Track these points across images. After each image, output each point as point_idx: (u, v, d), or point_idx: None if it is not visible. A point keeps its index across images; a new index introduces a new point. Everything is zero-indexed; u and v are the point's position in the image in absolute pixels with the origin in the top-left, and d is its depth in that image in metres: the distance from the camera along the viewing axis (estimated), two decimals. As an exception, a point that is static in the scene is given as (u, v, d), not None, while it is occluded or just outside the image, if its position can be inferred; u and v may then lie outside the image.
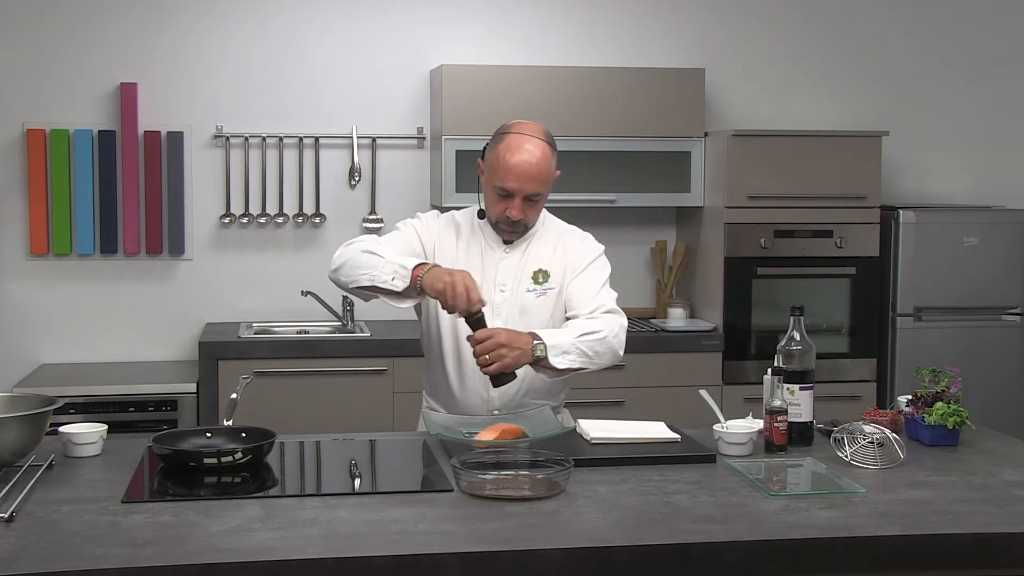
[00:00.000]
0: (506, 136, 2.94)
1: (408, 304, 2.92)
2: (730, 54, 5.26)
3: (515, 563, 2.05)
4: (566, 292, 3.02)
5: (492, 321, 2.90)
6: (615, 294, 3.06)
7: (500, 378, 2.76)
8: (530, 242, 3.05)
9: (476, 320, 2.76)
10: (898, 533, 2.18)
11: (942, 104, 5.45)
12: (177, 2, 4.89)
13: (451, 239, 3.04)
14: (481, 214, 3.04)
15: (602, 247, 3.14)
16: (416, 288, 2.79)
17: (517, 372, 2.80)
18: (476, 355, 2.74)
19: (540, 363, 2.79)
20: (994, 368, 4.95)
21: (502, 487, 2.39)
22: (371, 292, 2.87)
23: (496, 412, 2.96)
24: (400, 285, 2.79)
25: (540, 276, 3.02)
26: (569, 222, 3.25)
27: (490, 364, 2.72)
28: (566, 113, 4.80)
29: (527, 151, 2.91)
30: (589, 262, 3.07)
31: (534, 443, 2.66)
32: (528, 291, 3.00)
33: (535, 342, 2.77)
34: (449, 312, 2.77)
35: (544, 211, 3.10)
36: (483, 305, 2.76)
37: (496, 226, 3.00)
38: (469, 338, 2.77)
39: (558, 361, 2.79)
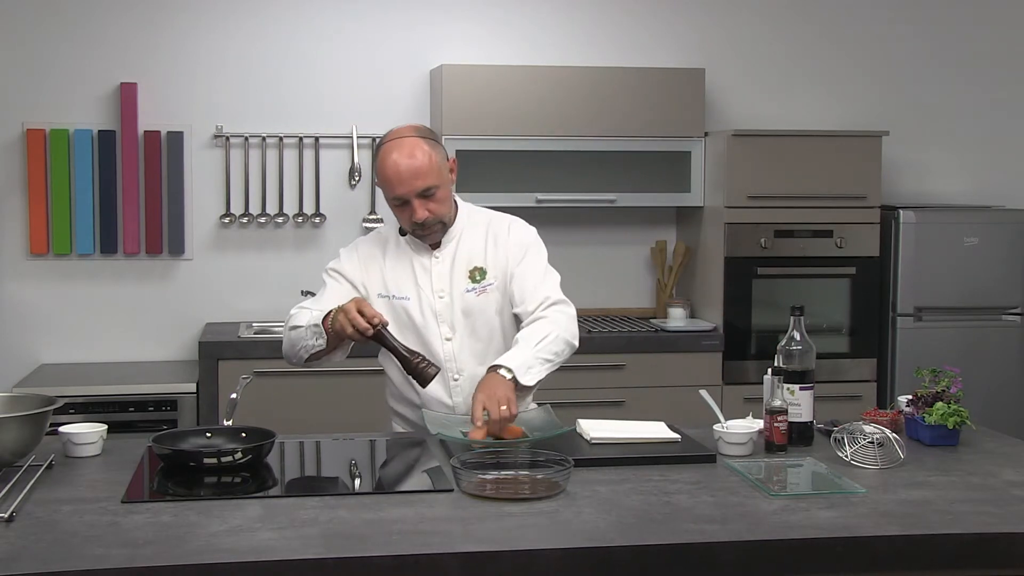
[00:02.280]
0: (381, 147, 2.94)
1: (345, 355, 2.97)
2: (730, 54, 5.26)
3: (515, 563, 2.05)
4: (510, 286, 3.00)
5: (439, 329, 2.95)
6: (557, 276, 3.05)
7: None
8: (459, 241, 3.03)
9: (380, 337, 2.76)
10: (898, 533, 2.18)
11: (942, 104, 5.45)
12: (177, 2, 4.89)
13: (378, 261, 3.03)
14: (402, 231, 3.03)
15: (533, 229, 3.10)
16: (338, 335, 2.81)
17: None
18: (495, 426, 2.69)
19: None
20: (994, 368, 4.95)
21: (502, 487, 2.39)
22: (320, 360, 2.94)
23: (462, 416, 2.95)
24: (321, 342, 2.84)
25: (476, 274, 3.01)
26: (570, 222, 3.25)
27: (509, 414, 2.70)
28: (566, 113, 4.80)
29: (399, 151, 2.88)
30: (524, 250, 3.03)
31: (534, 443, 2.66)
32: (467, 291, 2.99)
33: (501, 371, 2.77)
34: (361, 342, 2.80)
35: (468, 205, 3.10)
36: (379, 323, 2.75)
37: (415, 235, 2.98)
38: (473, 415, 2.71)
39: (527, 379, 2.80)
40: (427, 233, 2.96)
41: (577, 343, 2.98)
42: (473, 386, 2.87)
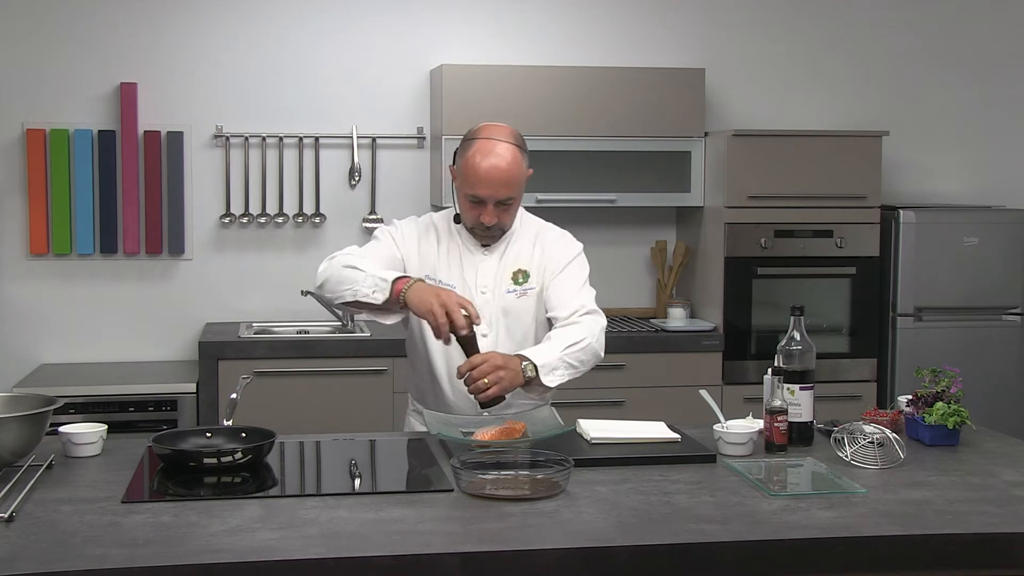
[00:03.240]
0: (475, 142, 2.91)
1: (394, 319, 2.93)
2: (730, 54, 5.26)
3: (515, 563, 2.05)
4: (546, 292, 3.02)
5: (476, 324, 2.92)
6: (594, 291, 3.08)
7: (492, 401, 2.74)
8: (508, 243, 3.04)
9: (467, 341, 2.75)
10: (898, 533, 2.18)
11: (942, 104, 5.45)
12: (177, 2, 4.89)
13: (431, 243, 3.03)
14: (457, 218, 3.03)
15: (580, 245, 3.12)
16: (399, 303, 2.78)
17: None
18: (471, 379, 2.70)
19: (531, 383, 2.79)
20: (994, 368, 4.95)
21: (502, 487, 2.39)
22: (355, 307, 2.88)
23: (487, 413, 2.94)
24: (380, 298, 2.79)
25: (520, 276, 3.02)
26: (570, 222, 3.26)
27: (487, 388, 2.70)
28: (566, 113, 4.80)
29: (496, 156, 2.87)
30: (567, 262, 3.05)
31: (534, 443, 2.66)
32: (508, 292, 3.00)
33: (524, 363, 2.77)
34: (436, 336, 2.76)
35: (521, 210, 3.10)
36: (476, 324, 2.74)
37: (472, 231, 2.99)
38: (461, 366, 2.72)
39: (549, 380, 2.80)
40: (487, 235, 2.98)
41: (603, 355, 3.01)
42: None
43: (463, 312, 2.72)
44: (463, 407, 2.98)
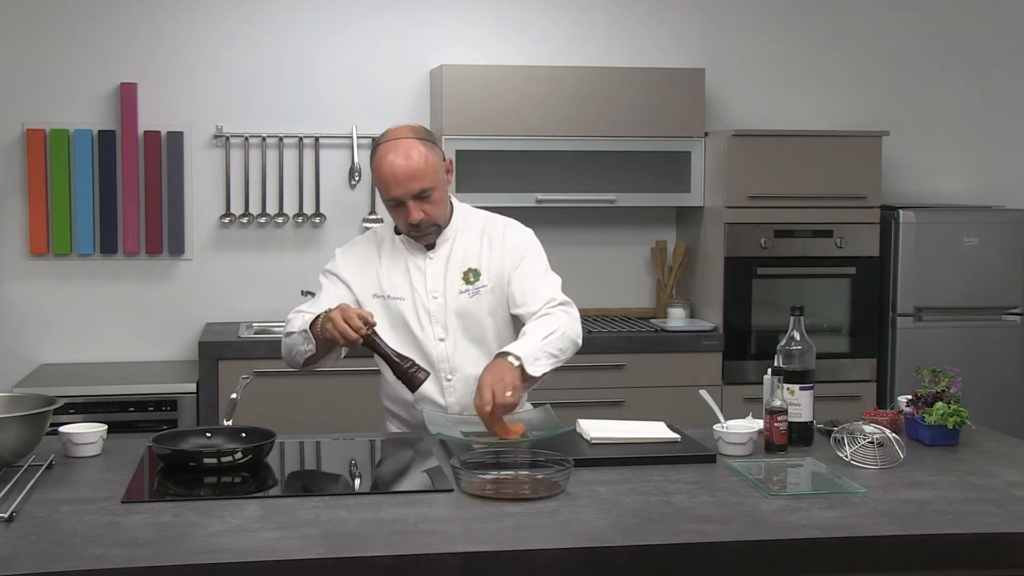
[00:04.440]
0: (378, 147, 2.93)
1: (339, 357, 3.00)
2: (730, 54, 5.26)
3: (515, 563, 2.05)
4: (509, 288, 3.00)
5: (432, 329, 2.96)
6: (558, 279, 3.05)
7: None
8: (453, 242, 3.03)
9: (370, 342, 2.77)
10: (898, 533, 2.18)
11: (942, 104, 5.45)
12: (177, 2, 4.89)
13: (371, 260, 3.04)
14: (397, 230, 3.04)
15: (530, 231, 3.10)
16: (324, 342, 2.83)
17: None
18: (500, 411, 2.69)
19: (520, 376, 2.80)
20: (994, 368, 4.95)
21: (502, 487, 2.39)
22: (317, 364, 2.97)
23: (458, 416, 2.96)
24: (310, 347, 2.87)
25: (471, 276, 3.01)
26: (570, 222, 3.26)
27: (510, 400, 2.71)
28: (566, 113, 4.80)
29: (395, 152, 2.88)
30: (522, 253, 3.03)
31: (534, 443, 2.66)
32: (460, 293, 2.99)
33: (509, 359, 2.77)
34: (350, 347, 2.82)
35: (464, 206, 3.11)
36: (369, 327, 2.75)
37: (410, 235, 2.99)
38: (478, 404, 2.71)
39: (533, 369, 2.80)
40: (422, 234, 2.97)
41: (580, 343, 2.99)
42: (465, 387, 2.93)
43: (355, 318, 2.73)
44: (424, 411, 2.97)
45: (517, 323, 3.02)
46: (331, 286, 3.05)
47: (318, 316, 2.84)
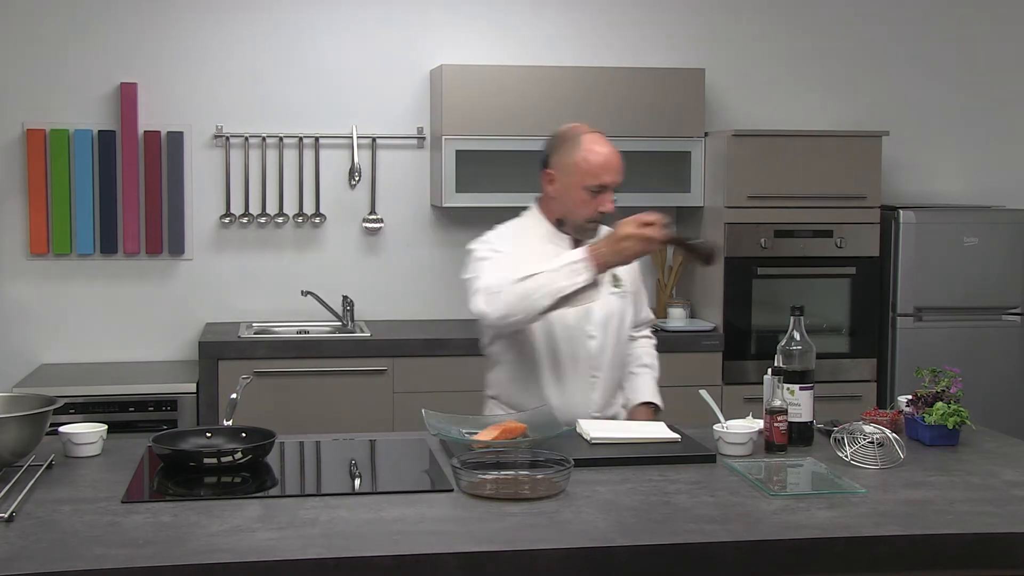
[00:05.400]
0: (581, 138, 3.00)
1: (584, 300, 2.88)
2: (730, 54, 5.26)
3: (515, 563, 2.05)
4: (635, 300, 3.20)
5: (586, 326, 3.03)
6: None
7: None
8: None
9: (676, 240, 2.90)
10: (898, 533, 2.18)
11: (942, 104, 5.45)
12: (177, 2, 4.89)
13: (528, 250, 3.01)
14: (558, 223, 3.05)
15: None
16: (602, 267, 2.79)
17: None
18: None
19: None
20: (994, 368, 4.95)
21: (502, 487, 2.39)
22: (552, 309, 2.84)
23: (596, 414, 3.03)
24: (586, 276, 2.77)
25: (615, 280, 3.08)
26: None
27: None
28: (566, 113, 4.77)
29: (605, 145, 3.01)
30: (637, 271, 3.22)
31: (534, 443, 2.66)
32: (611, 294, 3.07)
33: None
34: (648, 248, 2.80)
35: None
36: (663, 223, 2.78)
37: (582, 227, 3.03)
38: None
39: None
40: (595, 228, 3.04)
41: None
42: (607, 384, 3.08)
43: (651, 219, 2.76)
44: (571, 408, 3.00)
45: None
46: (502, 257, 2.98)
47: (583, 250, 2.80)
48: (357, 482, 2.61)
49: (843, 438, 2.70)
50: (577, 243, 3.01)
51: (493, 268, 2.94)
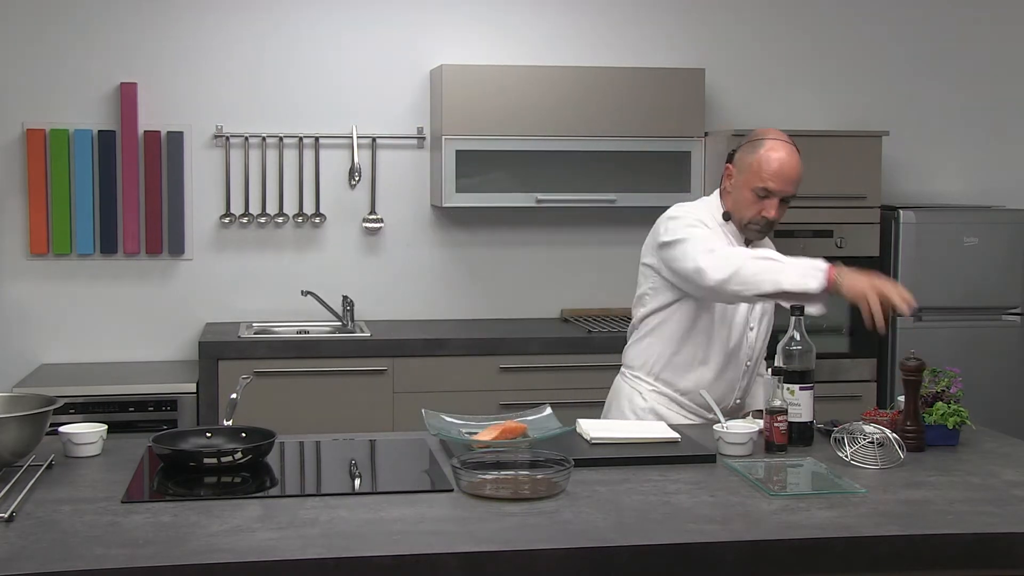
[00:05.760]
0: (765, 141, 3.08)
1: (811, 303, 2.88)
2: (730, 54, 5.26)
3: (515, 563, 2.05)
4: None
5: (748, 318, 3.10)
6: None
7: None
8: (759, 245, 3.13)
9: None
10: (898, 533, 2.18)
11: (942, 104, 5.45)
12: (177, 2, 4.88)
13: (711, 232, 3.10)
14: (726, 215, 3.12)
15: None
16: (831, 290, 2.79)
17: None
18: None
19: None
20: (994, 368, 4.95)
21: (502, 487, 2.39)
22: (767, 299, 2.92)
23: (738, 401, 3.12)
24: (815, 286, 2.79)
25: None
26: (570, 222, 3.28)
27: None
28: (566, 113, 4.80)
29: (787, 153, 3.08)
30: None
31: (534, 443, 2.67)
32: None
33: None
34: (867, 323, 2.75)
35: None
36: (912, 306, 2.76)
37: (746, 227, 3.08)
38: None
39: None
40: (761, 231, 3.08)
41: None
42: (753, 378, 3.17)
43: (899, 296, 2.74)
44: (721, 394, 3.07)
45: None
46: (710, 232, 3.04)
47: (831, 263, 2.81)
48: (357, 482, 2.61)
49: (843, 438, 2.70)
50: (747, 243, 3.10)
51: (709, 236, 3.02)
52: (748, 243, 3.11)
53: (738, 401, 3.16)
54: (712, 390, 3.06)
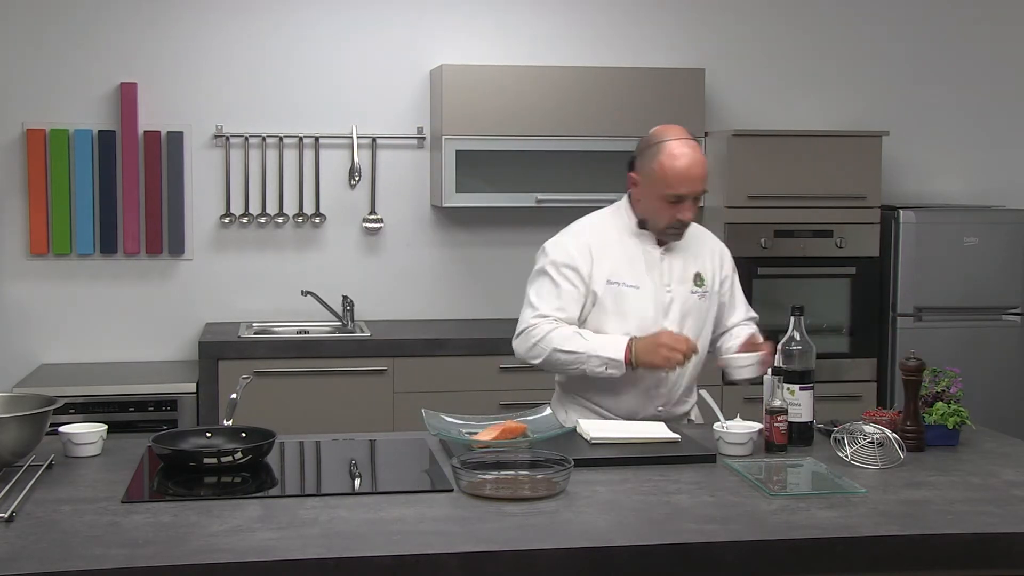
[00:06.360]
0: (662, 145, 3.01)
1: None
2: (730, 54, 5.26)
3: (515, 563, 2.05)
4: (724, 299, 3.18)
5: (663, 323, 3.03)
6: None
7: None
8: (681, 244, 3.11)
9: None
10: (898, 533, 2.18)
11: (942, 104, 5.45)
12: (177, 2, 4.89)
13: (606, 248, 3.07)
14: (642, 224, 3.08)
15: (720, 241, 3.28)
16: (634, 364, 2.91)
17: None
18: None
19: None
20: (994, 368, 4.95)
21: (502, 487, 2.39)
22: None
23: (660, 409, 3.07)
24: (616, 373, 2.93)
25: (698, 279, 3.11)
26: (569, 222, 3.26)
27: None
28: (566, 113, 4.80)
29: (689, 154, 3.00)
30: (732, 268, 3.23)
31: (534, 443, 2.67)
32: (692, 292, 3.09)
33: None
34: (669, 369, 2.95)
35: None
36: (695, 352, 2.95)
37: (666, 232, 3.05)
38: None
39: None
40: (678, 232, 3.05)
41: None
42: (676, 381, 3.06)
43: (684, 345, 2.88)
44: (634, 406, 3.06)
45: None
46: (567, 284, 3.04)
47: (626, 342, 2.92)
48: (357, 482, 2.61)
49: (843, 438, 2.70)
50: (661, 242, 3.07)
51: (548, 300, 3.03)
52: (661, 245, 3.07)
53: (660, 410, 3.08)
54: (624, 401, 3.03)
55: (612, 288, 3.03)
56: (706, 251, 3.17)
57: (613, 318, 3.01)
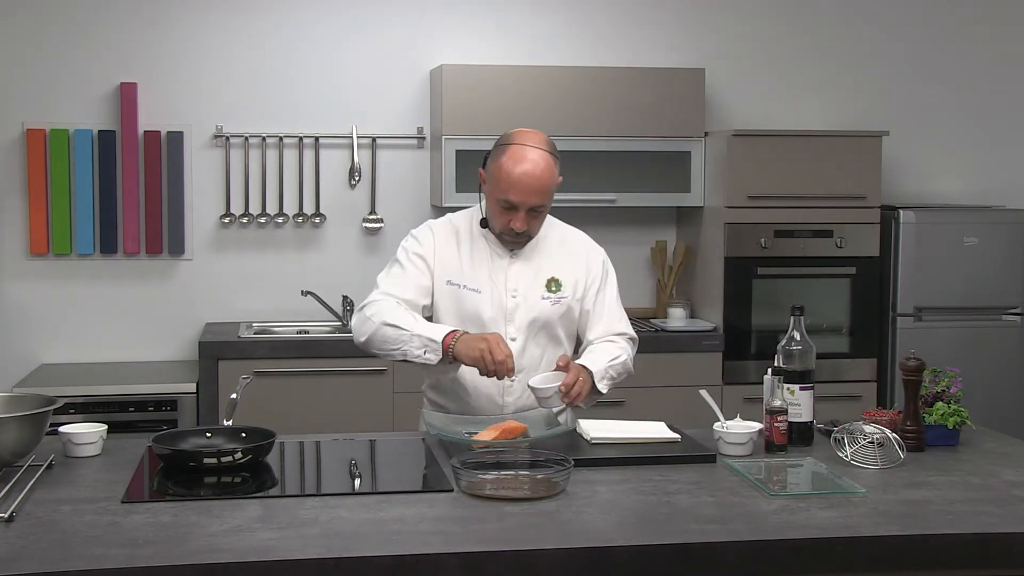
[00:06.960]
0: (508, 147, 2.91)
1: (443, 368, 2.89)
2: (730, 54, 5.26)
3: (515, 563, 2.05)
4: (585, 308, 3.05)
5: (506, 328, 2.95)
6: (624, 312, 3.14)
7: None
8: (535, 248, 3.04)
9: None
10: (898, 533, 2.18)
11: (942, 104, 5.45)
12: (177, 2, 4.89)
13: (452, 247, 3.01)
14: (484, 223, 3.02)
15: (603, 250, 3.17)
16: (448, 358, 2.80)
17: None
18: (570, 397, 2.80)
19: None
20: (994, 368, 4.95)
21: (502, 487, 2.39)
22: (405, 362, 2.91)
23: (510, 416, 2.96)
24: (433, 359, 2.82)
25: (552, 284, 3.03)
26: (569, 222, 3.26)
27: (576, 398, 2.82)
28: (566, 113, 4.80)
29: (530, 162, 2.89)
30: (603, 276, 3.10)
31: (534, 443, 2.66)
32: (543, 299, 3.01)
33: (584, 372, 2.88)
34: (488, 376, 2.79)
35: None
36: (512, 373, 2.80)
37: (500, 236, 2.99)
38: (566, 386, 2.80)
39: (601, 386, 2.90)
40: (514, 241, 2.98)
41: (632, 372, 3.08)
42: (522, 390, 2.93)
43: (510, 357, 2.77)
44: (482, 407, 2.98)
45: (577, 341, 3.10)
46: (414, 269, 2.98)
47: (452, 332, 2.81)
48: (357, 482, 2.61)
49: (843, 438, 2.70)
50: (510, 249, 3.00)
51: (393, 281, 2.97)
52: (511, 251, 3.00)
53: (510, 416, 2.92)
54: (474, 404, 2.98)
55: (451, 289, 2.97)
56: (574, 258, 3.07)
57: (453, 320, 2.94)
